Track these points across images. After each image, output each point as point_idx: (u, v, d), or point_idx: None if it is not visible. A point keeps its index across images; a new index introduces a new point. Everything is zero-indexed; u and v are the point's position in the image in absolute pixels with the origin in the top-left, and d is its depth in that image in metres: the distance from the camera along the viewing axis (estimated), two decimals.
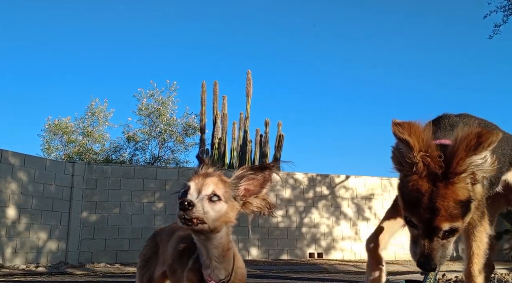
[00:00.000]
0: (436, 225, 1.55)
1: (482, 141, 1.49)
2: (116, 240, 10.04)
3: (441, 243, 1.59)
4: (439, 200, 1.53)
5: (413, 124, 1.58)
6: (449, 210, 1.53)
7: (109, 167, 10.66)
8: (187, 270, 1.46)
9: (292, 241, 11.35)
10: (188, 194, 1.35)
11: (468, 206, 1.59)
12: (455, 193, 1.53)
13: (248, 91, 13.71)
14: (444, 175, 1.54)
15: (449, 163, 1.54)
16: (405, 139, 1.55)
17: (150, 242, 1.87)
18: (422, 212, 1.56)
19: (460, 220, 1.57)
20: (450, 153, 1.55)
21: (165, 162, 20.43)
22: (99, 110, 20.70)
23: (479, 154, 1.51)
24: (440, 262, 1.60)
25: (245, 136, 13.33)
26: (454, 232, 1.59)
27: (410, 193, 1.60)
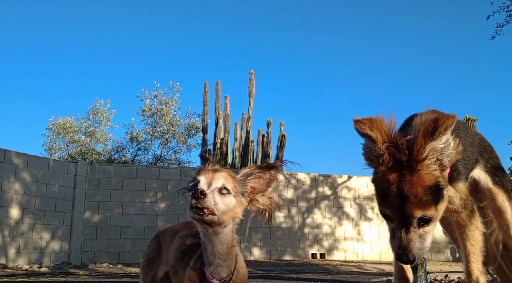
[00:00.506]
0: (408, 213, 1.54)
1: (439, 125, 1.50)
2: (118, 240, 10.05)
3: (418, 233, 1.57)
4: (406, 187, 1.54)
5: (374, 119, 1.60)
6: (418, 196, 1.53)
7: (112, 167, 10.68)
8: (188, 269, 1.47)
9: (295, 242, 11.34)
10: (199, 186, 1.36)
11: (439, 192, 1.58)
12: (422, 180, 1.54)
13: (251, 91, 13.71)
14: (409, 163, 1.56)
15: (411, 151, 1.56)
16: (367, 134, 1.59)
17: (153, 243, 1.87)
18: (393, 202, 1.56)
19: (432, 208, 1.56)
20: (411, 142, 1.57)
21: (168, 163, 20.47)
22: (102, 110, 20.76)
23: (438, 139, 1.53)
24: (419, 254, 1.58)
25: (247, 136, 13.33)
26: (428, 221, 1.58)
27: (380, 184, 1.61)
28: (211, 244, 1.41)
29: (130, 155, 21.04)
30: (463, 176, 2.09)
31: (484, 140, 2.65)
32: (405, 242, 1.56)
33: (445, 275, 5.88)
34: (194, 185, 1.37)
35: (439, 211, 1.61)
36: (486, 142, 2.66)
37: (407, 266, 2.17)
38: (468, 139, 2.37)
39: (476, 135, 2.56)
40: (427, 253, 1.76)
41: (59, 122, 20.28)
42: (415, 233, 1.57)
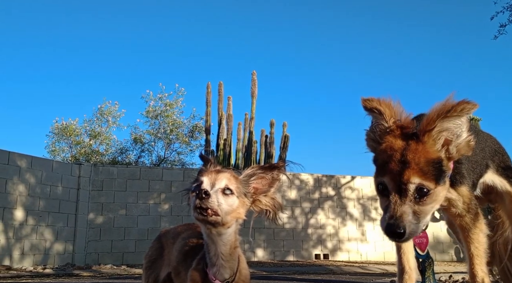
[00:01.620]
0: (407, 179, 1.49)
1: (456, 106, 1.49)
2: (122, 241, 10.07)
3: (413, 208, 1.51)
4: (409, 154, 1.53)
5: (382, 98, 1.63)
6: (419, 164, 1.51)
7: (115, 168, 10.71)
8: (191, 270, 1.47)
9: (298, 242, 11.32)
10: (202, 186, 1.36)
11: (441, 170, 1.55)
12: (426, 150, 1.53)
13: (253, 91, 13.70)
14: (416, 135, 1.57)
15: (422, 123, 1.57)
16: (376, 108, 1.60)
17: (156, 244, 1.87)
18: (393, 167, 1.52)
19: (431, 181, 1.52)
20: (428, 114, 1.58)
21: (171, 164, 20.49)
22: (109, 111, 20.81)
23: (451, 119, 1.52)
24: (410, 229, 1.49)
25: (250, 136, 13.32)
26: (425, 194, 1.52)
27: (384, 153, 1.59)
28: (214, 245, 1.40)
29: (133, 156, 21.09)
30: (467, 180, 2.07)
31: (495, 142, 2.61)
32: (398, 213, 1.48)
33: (450, 275, 5.86)
34: (197, 186, 1.37)
35: (438, 191, 1.56)
36: (497, 145, 2.62)
37: (412, 265, 2.15)
38: (479, 144, 2.34)
39: (488, 139, 2.53)
40: (431, 252, 1.75)
41: (62, 124, 20.35)
42: (410, 207, 1.50)
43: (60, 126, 20.36)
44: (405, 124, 1.59)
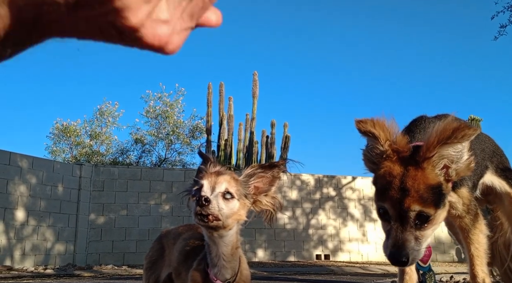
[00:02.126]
0: (407, 206, 1.49)
1: (457, 132, 1.47)
2: (123, 242, 10.08)
3: (414, 234, 1.51)
4: (409, 181, 1.52)
5: (376, 119, 1.60)
6: (419, 192, 1.50)
7: (116, 169, 10.71)
8: (191, 271, 1.47)
9: (299, 243, 11.32)
10: (202, 191, 1.36)
11: (440, 196, 1.55)
12: (425, 177, 1.52)
13: (254, 92, 13.71)
14: (415, 161, 1.55)
15: (422, 148, 1.55)
16: (370, 131, 1.57)
17: (157, 244, 1.87)
18: (393, 194, 1.52)
19: (431, 207, 1.52)
20: (427, 139, 1.56)
21: (172, 164, 20.50)
22: (109, 111, 20.84)
23: (451, 145, 1.50)
24: (413, 256, 1.51)
25: (251, 137, 13.33)
26: (426, 220, 1.52)
27: (383, 179, 1.58)
28: (215, 246, 1.41)
29: (134, 157, 21.11)
30: (467, 182, 2.07)
31: (493, 143, 2.61)
32: (400, 240, 1.50)
33: (451, 276, 5.85)
34: (197, 190, 1.37)
35: (438, 216, 1.56)
36: (495, 146, 2.62)
37: (413, 267, 2.14)
38: (479, 144, 2.34)
39: (487, 140, 2.53)
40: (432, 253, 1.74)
41: (62, 125, 20.37)
42: (411, 233, 1.51)
43: (60, 127, 20.39)
44: (401, 148, 1.57)
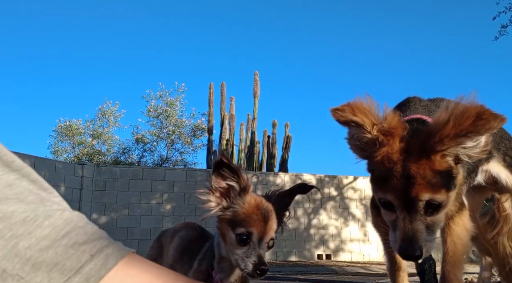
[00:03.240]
0: (414, 196, 1.30)
1: (480, 124, 1.19)
2: (125, 241, 10.08)
3: (425, 223, 1.32)
4: (413, 167, 1.30)
5: (354, 103, 1.36)
6: (426, 177, 1.29)
7: (118, 168, 10.74)
8: (193, 272, 1.46)
9: (300, 243, 11.32)
10: (251, 242, 1.27)
11: (450, 179, 1.34)
12: (432, 163, 1.30)
13: (256, 92, 13.72)
14: (420, 144, 1.32)
15: (431, 134, 1.29)
16: (351, 120, 1.34)
17: (156, 243, 1.88)
18: (397, 183, 1.31)
19: (443, 191, 1.32)
20: (436, 123, 1.30)
21: (174, 164, 20.52)
22: (110, 111, 20.88)
23: (471, 139, 1.25)
24: (427, 248, 1.31)
25: (252, 137, 13.34)
26: (438, 207, 1.33)
27: (381, 166, 1.37)
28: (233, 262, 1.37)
29: (136, 156, 21.14)
30: (464, 166, 1.79)
31: (501, 129, 2.29)
32: (411, 232, 1.30)
33: None
34: (244, 240, 1.27)
35: (450, 198, 1.36)
36: (502, 131, 2.30)
37: (403, 269, 1.89)
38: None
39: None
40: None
41: (65, 124, 20.42)
42: (422, 222, 1.31)
43: (63, 125, 20.44)
44: (395, 128, 1.35)
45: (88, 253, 0.64)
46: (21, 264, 0.60)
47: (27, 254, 0.60)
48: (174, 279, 0.75)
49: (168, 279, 0.73)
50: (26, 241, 0.61)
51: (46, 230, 0.63)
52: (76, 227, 0.67)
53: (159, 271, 0.74)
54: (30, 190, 0.66)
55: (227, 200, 1.32)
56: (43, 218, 0.64)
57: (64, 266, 0.62)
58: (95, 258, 0.64)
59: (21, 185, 0.66)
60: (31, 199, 0.65)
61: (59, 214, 0.67)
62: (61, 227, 0.65)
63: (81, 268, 0.63)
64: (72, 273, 0.62)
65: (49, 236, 0.63)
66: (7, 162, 0.67)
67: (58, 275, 0.61)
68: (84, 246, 0.65)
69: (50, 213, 0.65)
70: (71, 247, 0.63)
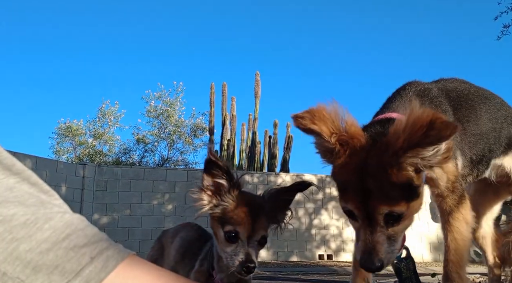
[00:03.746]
0: (372, 209, 1.27)
1: (432, 135, 1.15)
2: (126, 241, 10.09)
3: (386, 234, 1.29)
4: (370, 180, 1.26)
5: (314, 110, 1.33)
6: (384, 190, 1.26)
7: (119, 169, 10.75)
8: (194, 272, 1.46)
9: (302, 243, 11.32)
10: (239, 240, 1.28)
11: (411, 190, 1.29)
12: (389, 176, 1.25)
13: (257, 92, 13.72)
14: (377, 154, 1.28)
15: (387, 146, 1.25)
16: (309, 129, 1.32)
17: (157, 244, 1.88)
18: (355, 196, 1.29)
19: (402, 203, 1.27)
20: (393, 133, 1.26)
21: (174, 164, 20.54)
22: (110, 111, 20.91)
23: (424, 149, 1.21)
24: (387, 259, 1.30)
25: (254, 137, 13.34)
26: (398, 218, 1.28)
27: (340, 177, 1.36)
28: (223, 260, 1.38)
29: (137, 156, 21.16)
30: (455, 152, 1.69)
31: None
32: (371, 244, 1.28)
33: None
34: (232, 237, 1.28)
35: (412, 208, 1.32)
36: None
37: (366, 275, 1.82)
38: (487, 114, 1.95)
39: (506, 108, 2.10)
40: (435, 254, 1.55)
41: (66, 124, 20.46)
42: (383, 233, 1.29)
43: (64, 126, 20.47)
44: (351, 136, 1.31)
45: (88, 255, 0.64)
46: (21, 267, 0.60)
47: (28, 257, 0.61)
48: (175, 280, 0.75)
49: (169, 281, 0.73)
50: (26, 244, 0.61)
51: (46, 233, 0.63)
52: (76, 229, 0.67)
53: (159, 273, 0.74)
54: (31, 193, 0.67)
55: (217, 198, 1.33)
56: (44, 221, 0.64)
57: (65, 268, 0.62)
58: (95, 260, 0.65)
59: (22, 188, 0.66)
60: (32, 202, 0.65)
61: (60, 217, 0.67)
62: (62, 229, 0.65)
63: (81, 270, 0.63)
64: (72, 275, 0.62)
65: (50, 239, 0.63)
66: (8, 165, 0.67)
67: (59, 277, 0.61)
68: (84, 249, 0.65)
69: (50, 216, 0.65)
70: (71, 249, 0.64)
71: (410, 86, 1.82)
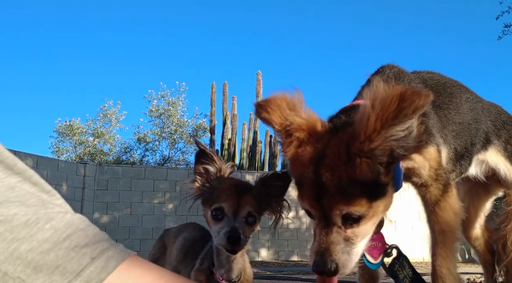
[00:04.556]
0: (326, 209, 1.13)
1: (405, 106, 1.02)
2: (127, 241, 10.10)
3: (343, 235, 1.15)
4: (326, 174, 1.12)
5: (272, 98, 1.23)
6: (342, 186, 1.11)
7: (120, 168, 10.75)
8: (194, 271, 1.47)
9: (302, 242, 11.32)
10: (225, 217, 1.32)
11: (377, 188, 1.15)
12: (352, 170, 1.11)
13: (258, 91, 13.72)
14: (339, 144, 1.14)
15: (355, 134, 1.10)
16: (263, 118, 1.23)
17: (159, 243, 1.88)
18: (310, 192, 1.16)
19: (363, 202, 1.12)
20: (360, 119, 1.11)
21: (175, 163, 20.55)
22: (112, 112, 20.94)
23: (399, 125, 1.05)
24: (344, 262, 1.14)
25: (254, 136, 13.34)
26: (357, 219, 1.14)
27: (294, 170, 1.23)
28: (229, 255, 1.41)
29: (138, 156, 21.18)
30: (438, 139, 1.58)
31: (503, 112, 2.06)
32: (325, 245, 1.14)
33: None
34: (217, 212, 1.32)
35: (376, 208, 1.17)
36: (506, 116, 2.05)
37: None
38: (467, 103, 1.86)
39: (490, 105, 2.04)
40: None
41: (66, 124, 20.47)
42: (339, 234, 1.15)
43: (64, 125, 20.49)
44: (300, 127, 1.19)
45: (89, 256, 0.64)
46: (22, 267, 0.60)
47: (29, 257, 0.61)
48: (175, 281, 0.75)
49: (169, 281, 0.73)
50: (27, 244, 0.61)
51: (47, 233, 0.63)
52: (77, 229, 0.67)
53: (160, 273, 0.74)
54: (32, 192, 0.67)
55: (207, 182, 1.42)
56: (45, 221, 0.64)
57: (65, 269, 0.62)
58: (96, 261, 0.65)
59: (23, 188, 0.66)
60: (33, 201, 0.65)
61: (61, 217, 0.67)
62: (63, 229, 0.65)
63: (82, 271, 0.63)
64: (73, 276, 0.62)
65: (51, 239, 0.63)
66: (9, 165, 0.67)
67: (59, 277, 0.61)
68: (85, 249, 0.65)
69: (51, 216, 0.65)
70: (72, 250, 0.64)
71: (383, 70, 1.67)
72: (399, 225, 10.68)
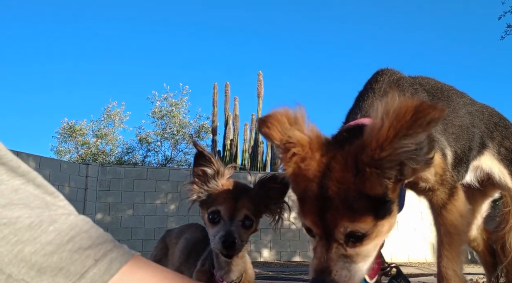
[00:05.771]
0: (330, 224, 1.09)
1: (421, 117, 0.99)
2: (129, 241, 10.11)
3: (343, 253, 1.10)
4: (332, 186, 1.08)
5: (274, 114, 1.21)
6: (348, 201, 1.07)
7: (122, 168, 10.76)
8: (196, 272, 1.47)
9: (304, 243, 11.30)
10: (222, 220, 1.32)
11: (384, 202, 1.11)
12: (361, 182, 1.07)
13: (260, 92, 13.72)
14: (346, 156, 1.10)
15: (365, 144, 1.07)
16: (264, 133, 1.21)
17: (160, 243, 1.89)
18: (312, 206, 1.12)
19: (369, 220, 1.08)
20: (371, 129, 1.07)
21: (178, 164, 20.56)
22: (115, 112, 20.97)
23: (413, 136, 1.01)
24: (344, 280, 1.09)
25: (256, 137, 13.33)
26: (361, 238, 1.10)
27: (295, 183, 1.20)
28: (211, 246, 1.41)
29: (140, 156, 21.21)
30: (442, 144, 1.59)
31: (495, 114, 2.05)
32: (324, 263, 1.10)
33: None
34: (214, 216, 1.32)
35: (381, 227, 1.12)
36: (498, 117, 2.05)
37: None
38: (465, 107, 1.88)
39: (482, 107, 2.03)
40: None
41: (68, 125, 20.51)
42: (339, 250, 1.10)
43: (66, 126, 20.53)
44: (301, 143, 1.16)
45: (92, 257, 0.65)
46: (26, 269, 0.61)
47: (33, 259, 0.61)
48: (179, 281, 0.75)
49: (172, 281, 0.73)
50: (31, 246, 0.62)
51: (51, 235, 0.64)
52: (80, 231, 0.68)
53: (163, 274, 0.75)
54: (36, 195, 0.67)
55: (205, 185, 1.41)
56: (48, 223, 0.65)
57: (69, 271, 0.63)
58: (99, 263, 0.65)
59: (27, 190, 0.67)
60: (36, 204, 0.66)
61: (64, 219, 0.67)
62: (66, 232, 0.66)
63: (86, 273, 0.63)
64: (76, 278, 0.63)
65: (54, 241, 0.63)
66: (13, 167, 0.68)
67: (63, 280, 0.62)
68: (88, 251, 0.65)
69: (55, 218, 0.66)
70: (75, 252, 0.64)
71: (382, 77, 1.65)
72: (401, 225, 10.66)
